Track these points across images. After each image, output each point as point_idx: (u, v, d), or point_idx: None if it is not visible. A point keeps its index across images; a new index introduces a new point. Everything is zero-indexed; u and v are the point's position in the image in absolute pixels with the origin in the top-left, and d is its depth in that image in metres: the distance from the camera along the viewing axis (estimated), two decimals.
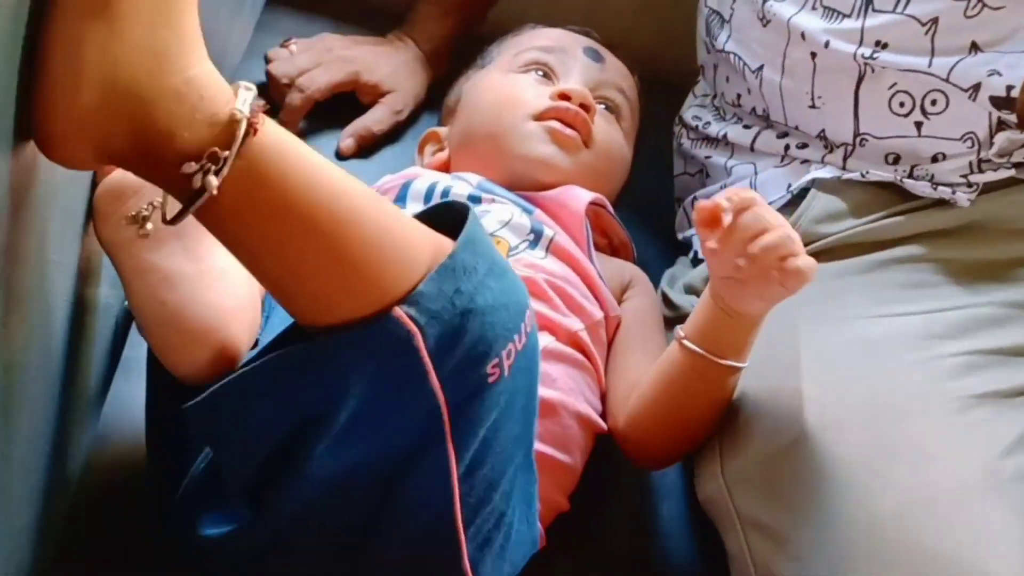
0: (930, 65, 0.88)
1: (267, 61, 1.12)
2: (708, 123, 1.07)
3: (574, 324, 0.85)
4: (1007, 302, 0.87)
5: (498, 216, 0.90)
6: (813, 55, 0.93)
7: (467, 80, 1.06)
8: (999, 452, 0.77)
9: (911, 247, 0.90)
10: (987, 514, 0.74)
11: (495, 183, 0.94)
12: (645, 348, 0.88)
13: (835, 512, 0.74)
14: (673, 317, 0.95)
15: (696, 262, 1.01)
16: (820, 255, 0.87)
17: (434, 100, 1.17)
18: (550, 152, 0.94)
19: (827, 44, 0.92)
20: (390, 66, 1.13)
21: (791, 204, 0.94)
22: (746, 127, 1.02)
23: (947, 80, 0.88)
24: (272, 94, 1.11)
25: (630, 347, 0.89)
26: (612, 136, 0.99)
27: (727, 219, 0.75)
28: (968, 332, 0.84)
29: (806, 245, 0.87)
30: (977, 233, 0.91)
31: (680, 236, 1.08)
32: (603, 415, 0.86)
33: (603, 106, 1.00)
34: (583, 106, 0.96)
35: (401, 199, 0.93)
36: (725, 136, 1.03)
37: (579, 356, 0.85)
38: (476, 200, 0.92)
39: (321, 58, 1.11)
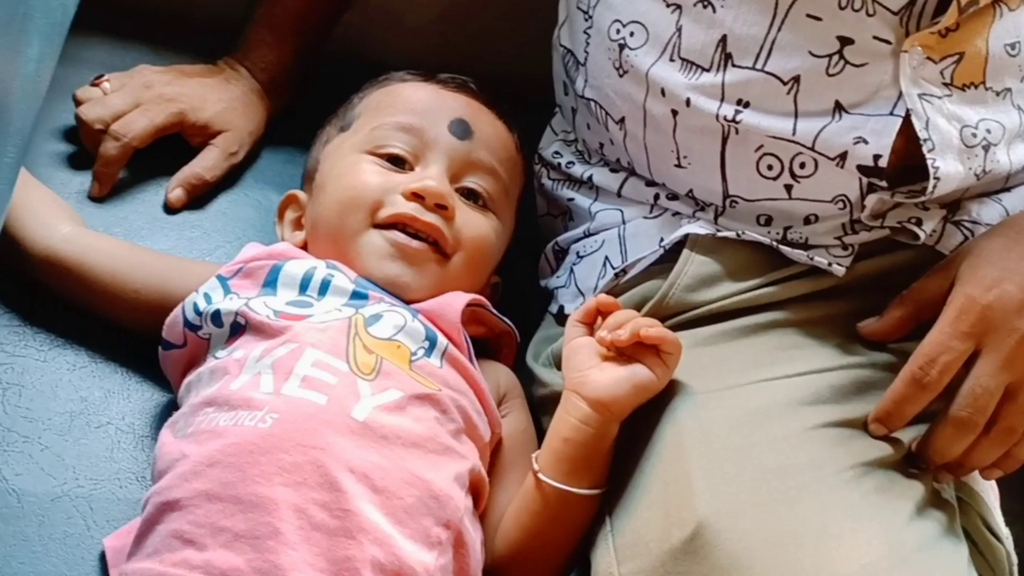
0: (794, 132, 0.83)
1: (76, 103, 0.97)
2: (571, 163, 0.98)
3: (476, 466, 0.79)
4: (881, 363, 0.83)
5: (392, 321, 0.81)
6: (675, 112, 0.86)
7: (327, 141, 0.94)
8: (900, 523, 0.76)
9: (784, 311, 0.85)
10: None
11: (368, 280, 0.84)
12: (517, 478, 0.83)
13: None
14: (545, 395, 0.89)
15: (559, 318, 0.93)
16: (693, 321, 0.85)
17: (275, 133, 1.05)
18: (396, 271, 0.85)
19: (688, 102, 0.85)
20: (221, 103, 1.00)
21: (662, 260, 0.88)
22: (613, 171, 0.94)
23: (813, 148, 0.83)
24: (85, 141, 0.97)
25: (504, 476, 0.83)
26: (480, 229, 0.89)
27: (606, 299, 0.79)
28: (849, 395, 0.81)
29: (678, 314, 0.86)
30: (849, 292, 0.86)
31: (542, 283, 1.00)
32: None
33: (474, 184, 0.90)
34: (439, 205, 0.86)
35: (271, 284, 0.83)
36: (590, 178, 0.95)
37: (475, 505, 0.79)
38: (363, 297, 0.83)
39: (139, 97, 0.97)
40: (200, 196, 0.99)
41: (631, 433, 0.81)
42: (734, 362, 0.83)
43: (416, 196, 0.86)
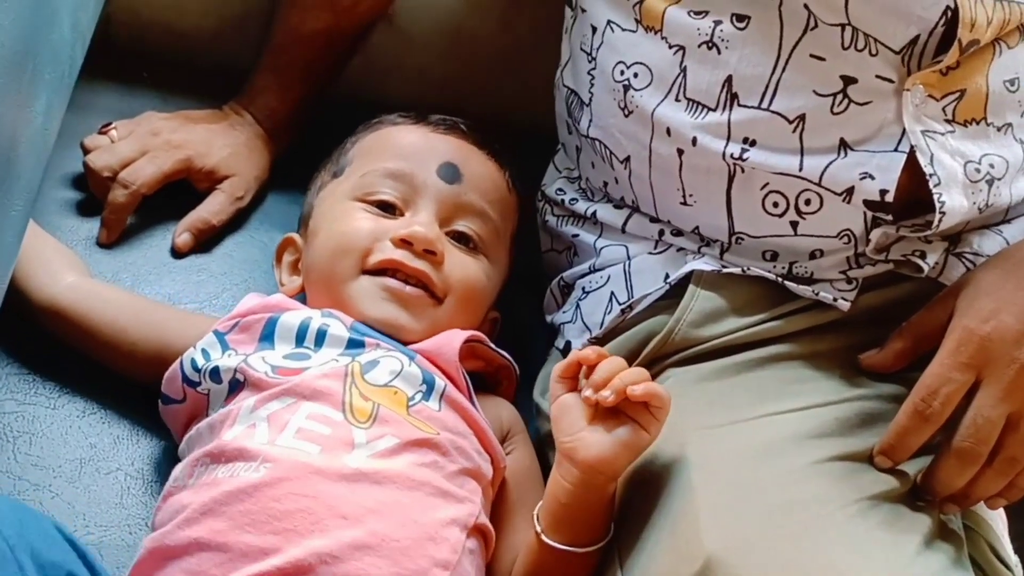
0: (801, 168, 0.83)
1: (84, 151, 0.98)
2: (575, 199, 0.99)
3: (473, 512, 0.78)
4: (886, 394, 0.83)
5: (389, 366, 0.81)
6: (680, 152, 0.87)
7: (321, 186, 0.95)
8: (907, 558, 0.75)
9: (788, 344, 0.85)
10: None
11: (364, 324, 0.85)
12: (527, 512, 0.82)
13: None
14: (550, 430, 0.87)
15: (566, 353, 0.93)
16: (698, 357, 0.85)
17: (279, 175, 1.07)
18: (392, 314, 0.85)
19: (694, 141, 0.86)
20: (226, 148, 1.02)
21: (668, 296, 0.88)
22: (616, 207, 0.95)
23: (819, 184, 0.83)
24: (93, 189, 0.98)
25: (512, 518, 0.83)
26: (469, 272, 0.89)
27: (588, 354, 0.77)
28: (854, 428, 0.81)
29: (683, 350, 0.86)
30: (852, 325, 0.86)
31: (548, 318, 1.00)
32: None
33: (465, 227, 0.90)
34: (428, 250, 0.86)
35: (267, 338, 0.83)
36: (594, 214, 0.96)
37: (481, 549, 0.79)
38: (359, 344, 0.83)
39: (146, 144, 0.98)
40: (207, 240, 1.00)
41: (639, 469, 0.81)
42: (740, 397, 0.83)
43: (404, 243, 0.86)
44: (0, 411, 0.84)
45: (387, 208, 0.89)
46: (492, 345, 0.89)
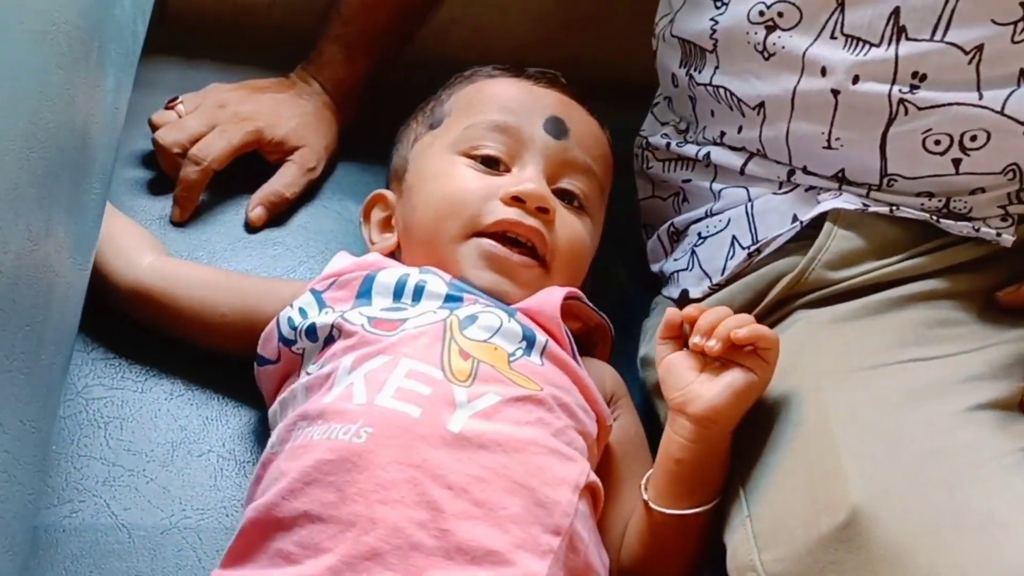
0: (981, 98, 0.78)
1: (152, 128, 0.97)
2: (682, 143, 0.94)
3: (584, 469, 0.75)
4: None
5: (487, 322, 0.79)
6: (835, 92, 0.81)
7: (415, 140, 0.92)
8: None
9: (928, 283, 0.81)
10: None
11: (464, 282, 0.82)
12: (633, 484, 0.80)
13: None
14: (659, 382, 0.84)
15: (680, 302, 0.90)
16: (832, 298, 0.81)
17: (348, 143, 1.04)
18: (496, 282, 0.83)
19: (856, 80, 0.81)
20: (295, 118, 0.99)
21: (799, 238, 0.84)
22: (734, 149, 0.90)
23: (1001, 112, 0.78)
24: (163, 165, 0.97)
25: (622, 484, 0.81)
26: (576, 233, 0.87)
27: (692, 310, 0.75)
28: (1006, 373, 0.76)
29: (816, 290, 0.82)
30: (999, 262, 0.82)
31: (654, 268, 0.97)
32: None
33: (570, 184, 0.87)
34: (540, 208, 0.83)
35: (365, 294, 0.81)
36: (707, 156, 0.91)
37: (590, 510, 0.76)
38: (457, 300, 0.81)
39: (215, 118, 0.96)
40: (280, 213, 0.98)
41: (768, 414, 0.78)
42: (878, 340, 0.78)
43: (516, 200, 0.83)
44: (89, 397, 0.83)
45: (491, 163, 0.86)
46: (589, 303, 0.86)
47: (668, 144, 0.95)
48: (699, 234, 0.91)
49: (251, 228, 0.97)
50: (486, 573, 0.68)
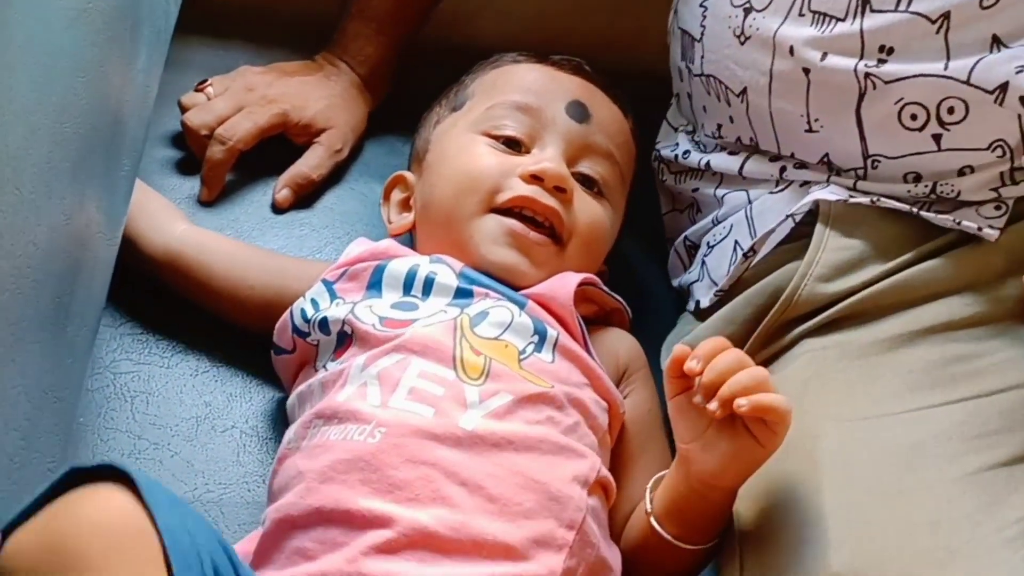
0: (946, 68, 0.77)
1: (182, 109, 0.98)
2: (688, 152, 0.94)
3: (594, 465, 0.75)
4: None
5: (497, 318, 0.79)
6: (806, 71, 0.81)
7: (437, 121, 0.92)
8: None
9: (944, 305, 0.78)
10: None
11: (477, 271, 0.83)
12: (647, 460, 0.80)
13: None
14: None
15: (698, 315, 0.89)
16: (839, 321, 0.79)
17: (375, 125, 1.05)
18: (511, 260, 0.83)
19: (823, 56, 0.80)
20: (323, 100, 1.00)
21: (797, 237, 0.83)
22: (731, 153, 0.90)
23: (967, 83, 0.76)
24: (191, 146, 0.98)
25: (633, 464, 0.80)
26: (595, 216, 0.86)
27: (692, 365, 0.70)
28: (1021, 424, 0.72)
29: (817, 309, 0.80)
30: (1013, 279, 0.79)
31: (675, 283, 0.96)
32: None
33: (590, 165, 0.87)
34: (558, 187, 0.83)
35: (375, 286, 0.82)
36: (708, 164, 0.91)
37: (602, 504, 0.76)
38: (467, 294, 0.81)
39: (242, 100, 0.97)
40: (307, 194, 0.99)
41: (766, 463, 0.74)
42: (886, 384, 0.75)
43: (535, 178, 0.83)
44: (117, 371, 0.84)
45: (512, 145, 0.87)
46: (605, 288, 0.86)
47: (676, 156, 0.95)
48: (708, 243, 0.91)
49: (277, 209, 0.98)
50: (503, 568, 0.68)
